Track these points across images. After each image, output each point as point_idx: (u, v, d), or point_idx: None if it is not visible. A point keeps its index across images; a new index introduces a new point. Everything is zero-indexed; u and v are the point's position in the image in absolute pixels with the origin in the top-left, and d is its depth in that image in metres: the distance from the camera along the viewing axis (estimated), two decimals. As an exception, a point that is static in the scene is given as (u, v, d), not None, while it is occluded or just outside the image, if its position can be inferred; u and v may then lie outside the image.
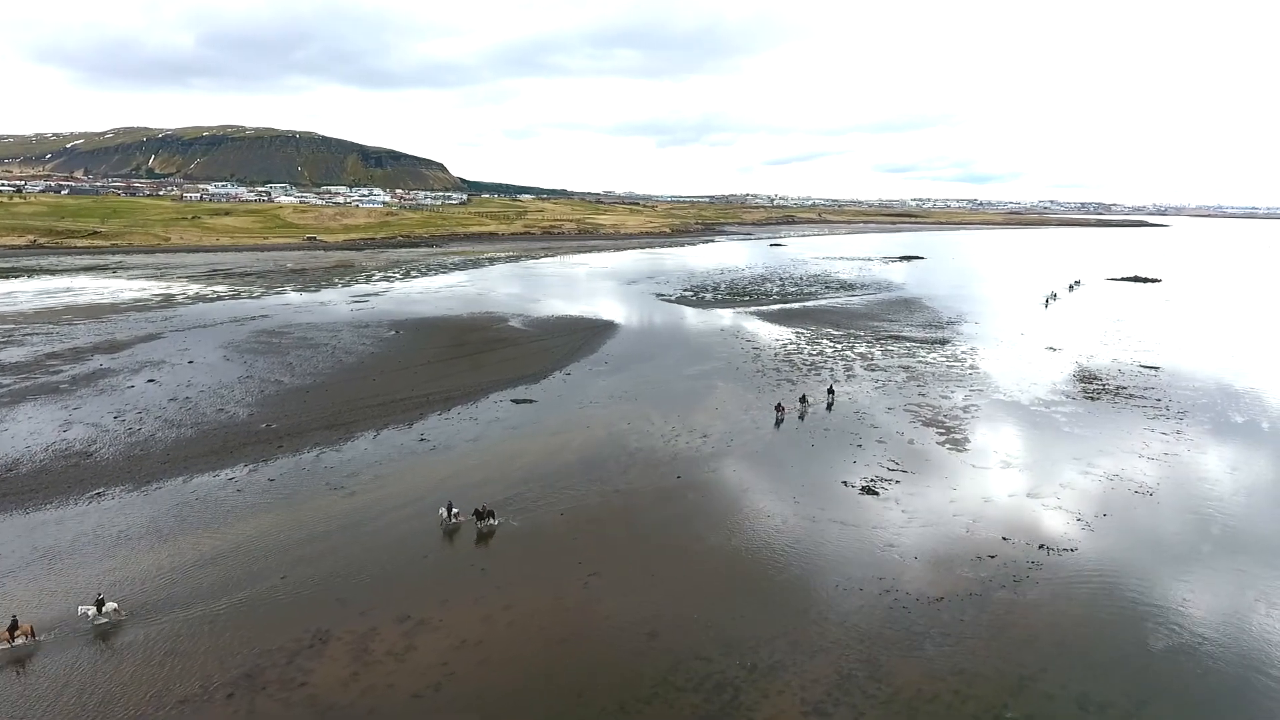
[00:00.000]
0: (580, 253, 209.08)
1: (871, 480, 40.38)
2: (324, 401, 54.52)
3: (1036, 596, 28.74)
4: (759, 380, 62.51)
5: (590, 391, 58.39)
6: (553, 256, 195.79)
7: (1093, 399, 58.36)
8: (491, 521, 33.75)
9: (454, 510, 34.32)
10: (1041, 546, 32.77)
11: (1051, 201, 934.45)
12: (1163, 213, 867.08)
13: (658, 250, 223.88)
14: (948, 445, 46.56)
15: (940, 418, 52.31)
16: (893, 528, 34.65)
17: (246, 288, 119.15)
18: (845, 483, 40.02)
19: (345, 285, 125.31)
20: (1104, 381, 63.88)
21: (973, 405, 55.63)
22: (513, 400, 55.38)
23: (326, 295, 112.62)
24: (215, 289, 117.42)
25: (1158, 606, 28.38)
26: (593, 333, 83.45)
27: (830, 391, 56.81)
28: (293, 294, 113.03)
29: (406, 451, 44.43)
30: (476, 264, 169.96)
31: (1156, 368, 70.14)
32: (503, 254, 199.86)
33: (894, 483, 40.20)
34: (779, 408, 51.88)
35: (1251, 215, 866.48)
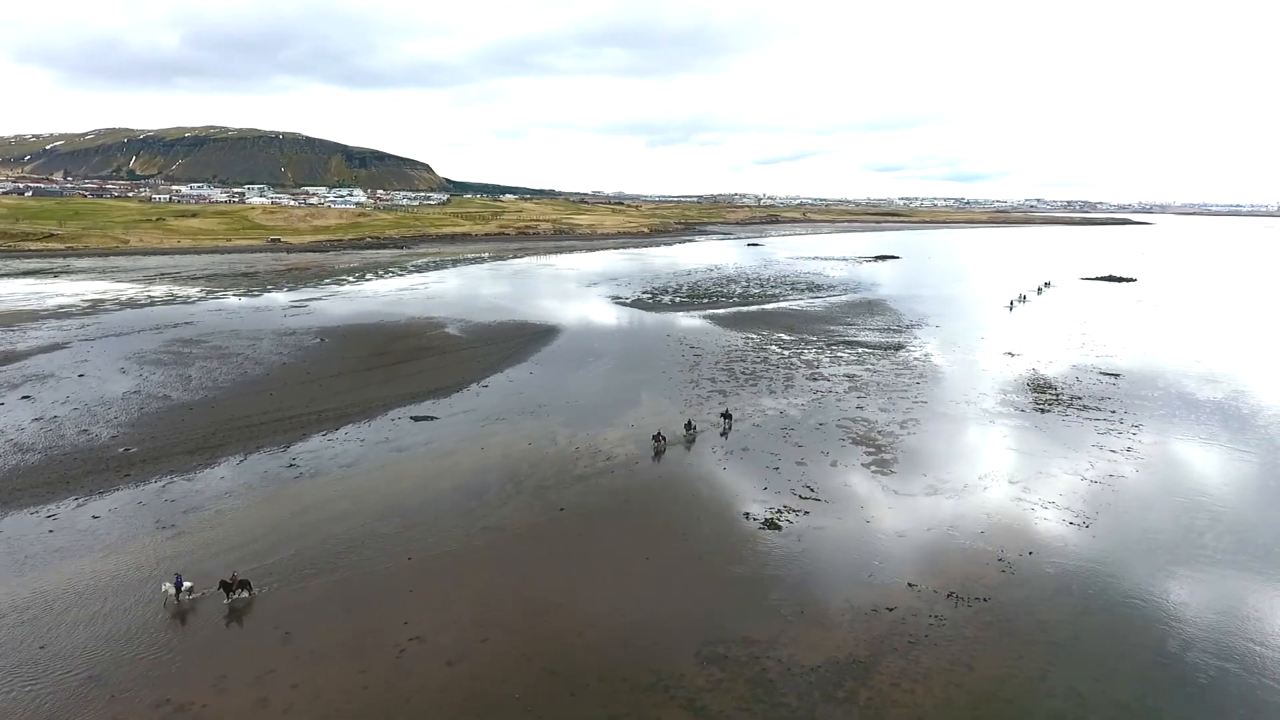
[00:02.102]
0: (553, 254, 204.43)
1: (778, 512, 35.99)
2: (204, 420, 49.75)
3: (931, 663, 24.38)
4: (689, 392, 58.10)
5: (502, 405, 53.84)
6: (524, 258, 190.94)
7: (1043, 411, 54.21)
8: (245, 594, 27.75)
9: (184, 585, 27.38)
10: (950, 595, 28.42)
11: (1038, 200, 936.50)
12: (1148, 210, 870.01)
13: (632, 250, 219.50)
14: (874, 467, 42.22)
15: (873, 434, 48.01)
16: (786, 573, 30.25)
17: (186, 292, 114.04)
18: (747, 515, 35.60)
19: (292, 289, 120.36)
20: (1058, 391, 59.76)
21: (912, 420, 51.35)
22: (412, 417, 50.75)
23: (267, 300, 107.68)
24: (153, 293, 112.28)
25: (1075, 677, 24.11)
26: (530, 339, 78.89)
27: (726, 416, 49.76)
28: (232, 298, 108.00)
29: (268, 479, 39.75)
30: (440, 266, 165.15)
31: (1116, 374, 66.08)
32: (472, 255, 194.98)
33: (802, 514, 35.81)
34: (658, 437, 44.66)
35: (1235, 213, 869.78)
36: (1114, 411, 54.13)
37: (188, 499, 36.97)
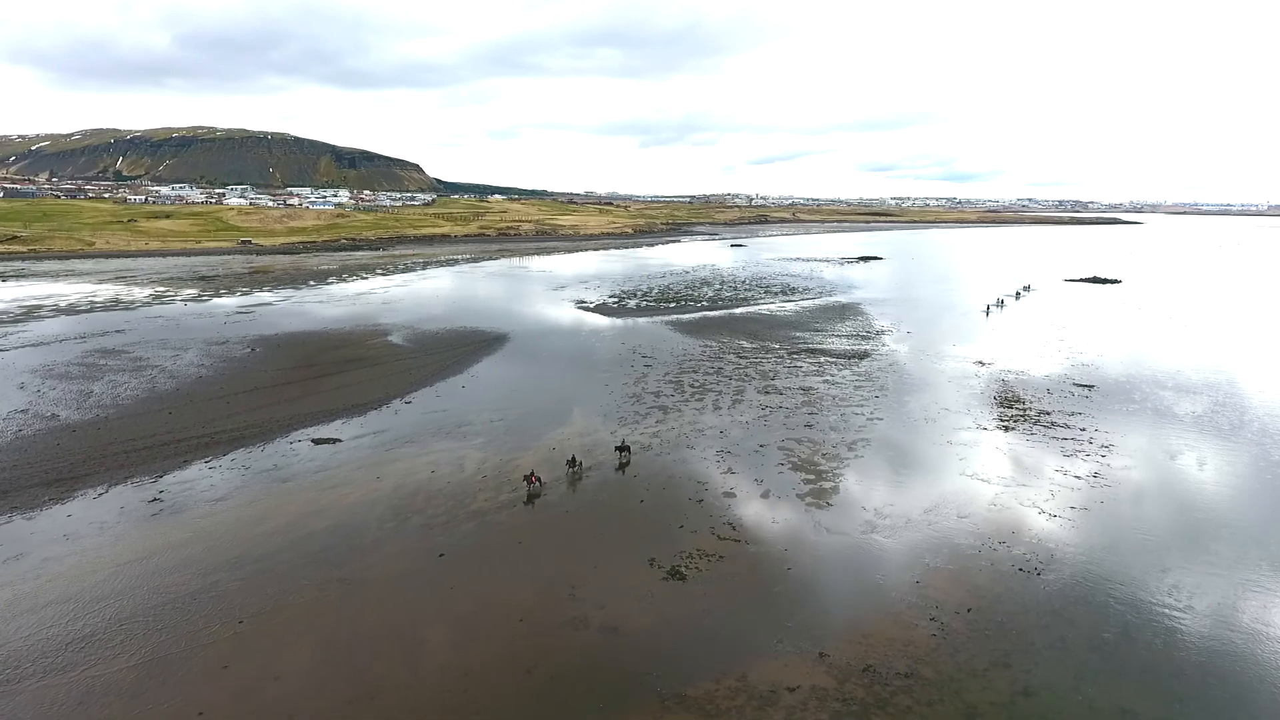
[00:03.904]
0: (532, 255, 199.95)
1: (688, 556, 31.52)
2: (83, 444, 45.02)
3: (827, 767, 20.06)
4: (628, 409, 53.63)
5: (418, 425, 49.27)
6: (500, 260, 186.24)
7: (1007, 428, 49.86)
8: None
9: None
10: (867, 669, 24.00)
11: (1030, 199, 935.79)
12: (1138, 210, 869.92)
13: (612, 252, 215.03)
14: (809, 499, 37.83)
15: (817, 458, 43.60)
16: (677, 639, 25.75)
17: (133, 296, 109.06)
18: (653, 560, 31.13)
19: (246, 293, 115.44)
20: (1026, 405, 55.46)
21: (862, 440, 46.96)
22: (313, 440, 46.13)
23: (214, 305, 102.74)
24: (97, 298, 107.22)
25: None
26: (475, 348, 74.32)
27: (622, 449, 43.10)
28: (178, 304, 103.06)
29: (123, 518, 35.09)
30: (409, 268, 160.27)
31: (1090, 386, 61.76)
32: (446, 257, 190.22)
33: (716, 559, 31.37)
34: (531, 478, 38.08)
35: (1226, 212, 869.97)
36: (1083, 430, 49.80)
37: (17, 544, 32.31)
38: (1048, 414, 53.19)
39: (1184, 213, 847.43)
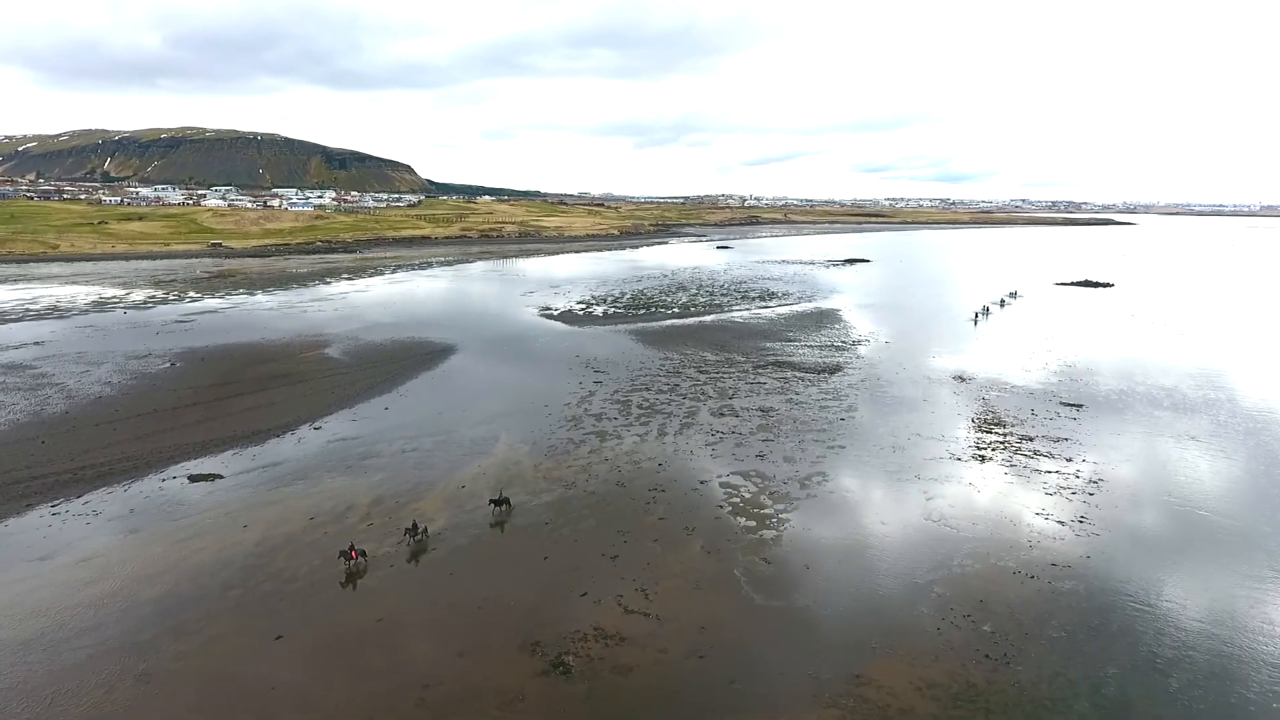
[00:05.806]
0: (513, 258, 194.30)
1: (582, 639, 25.73)
2: (-78, 483, 39.25)
3: None
4: (561, 435, 47.83)
5: (318, 456, 43.38)
6: (477, 263, 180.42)
7: (984, 458, 44.19)
8: None
9: None
10: (773, 818, 18.53)
11: (1024, 200, 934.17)
12: (1132, 210, 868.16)
13: (595, 254, 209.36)
14: (744, 554, 32.04)
15: (762, 499, 37.91)
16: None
17: (75, 303, 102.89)
18: (535, 647, 25.29)
19: (196, 299, 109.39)
20: (1008, 429, 49.87)
21: (818, 475, 41.27)
22: (189, 476, 40.26)
23: (155, 312, 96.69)
24: (36, 305, 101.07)
25: None
26: (415, 362, 68.46)
27: (499, 503, 36.13)
28: (118, 312, 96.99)
29: (-83, 583, 29.41)
30: (379, 272, 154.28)
31: (1079, 405, 56.18)
32: (421, 260, 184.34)
33: (616, 642, 25.65)
34: (350, 553, 30.49)
35: (1218, 213, 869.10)
36: (1069, 459, 44.18)
37: None
38: (1030, 440, 47.54)
39: (1177, 213, 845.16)
